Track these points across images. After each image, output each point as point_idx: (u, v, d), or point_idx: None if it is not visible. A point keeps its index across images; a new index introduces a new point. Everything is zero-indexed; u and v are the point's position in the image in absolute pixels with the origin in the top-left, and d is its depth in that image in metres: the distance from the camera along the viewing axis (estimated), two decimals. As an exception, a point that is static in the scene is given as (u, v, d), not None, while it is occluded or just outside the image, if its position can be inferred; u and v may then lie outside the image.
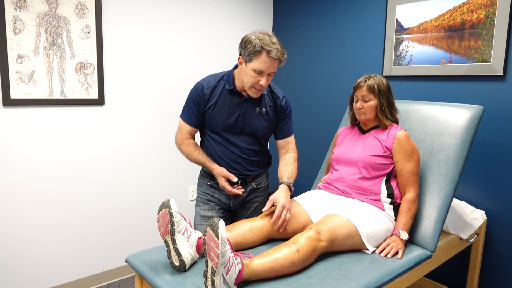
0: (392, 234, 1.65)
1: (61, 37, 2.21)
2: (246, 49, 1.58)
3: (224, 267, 1.21)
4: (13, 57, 2.06)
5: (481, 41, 2.10)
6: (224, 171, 1.72)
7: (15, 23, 2.05)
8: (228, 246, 1.24)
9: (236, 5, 3.02)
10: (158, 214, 1.41)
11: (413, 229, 1.73)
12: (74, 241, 2.41)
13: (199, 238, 1.45)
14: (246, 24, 3.09)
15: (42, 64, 2.16)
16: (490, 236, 2.16)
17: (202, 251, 1.45)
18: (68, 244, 2.38)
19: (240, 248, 1.53)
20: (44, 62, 2.17)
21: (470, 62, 2.15)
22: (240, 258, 1.29)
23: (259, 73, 1.58)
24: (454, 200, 2.13)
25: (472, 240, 2.01)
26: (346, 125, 2.01)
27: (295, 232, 1.59)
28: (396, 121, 1.82)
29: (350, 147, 1.84)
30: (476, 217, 2.05)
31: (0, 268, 2.15)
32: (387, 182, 1.73)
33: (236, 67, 1.73)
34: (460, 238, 1.98)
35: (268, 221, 1.60)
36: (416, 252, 1.63)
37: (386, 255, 1.56)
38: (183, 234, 1.40)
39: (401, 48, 2.43)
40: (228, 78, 1.72)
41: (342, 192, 1.78)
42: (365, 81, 1.77)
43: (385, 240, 1.63)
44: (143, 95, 2.60)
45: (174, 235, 1.38)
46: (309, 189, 2.09)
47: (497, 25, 2.03)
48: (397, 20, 2.44)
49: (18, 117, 2.14)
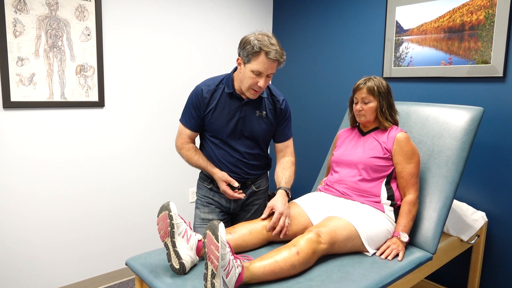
0: (392, 236, 1.65)
1: (61, 39, 2.21)
2: (244, 50, 1.57)
3: (224, 270, 1.21)
4: (13, 59, 2.07)
5: (481, 42, 2.10)
6: (225, 175, 1.71)
7: (15, 26, 2.05)
8: (228, 249, 1.24)
9: (236, 7, 3.02)
10: (158, 217, 1.41)
11: (413, 231, 1.73)
12: (74, 243, 2.41)
13: (199, 241, 1.44)
14: (246, 26, 3.09)
15: (42, 67, 2.16)
16: (491, 238, 2.16)
17: (202, 254, 1.44)
18: (68, 246, 2.39)
19: (240, 251, 1.53)
20: (44, 64, 2.17)
21: (470, 64, 2.15)
22: (240, 261, 1.29)
23: (258, 74, 1.57)
24: (455, 201, 2.12)
25: (472, 241, 2.01)
26: (346, 127, 2.01)
27: (295, 235, 1.59)
28: (396, 123, 1.82)
29: (350, 149, 1.84)
30: (476, 218, 2.05)
31: (0, 270, 2.16)
32: (387, 184, 1.73)
33: (235, 70, 1.71)
34: (461, 240, 1.97)
35: (269, 223, 1.59)
36: (416, 254, 1.63)
37: (386, 257, 1.56)
38: (183, 237, 1.40)
39: (401, 49, 2.43)
40: (227, 81, 1.71)
41: (342, 194, 1.78)
42: (365, 83, 1.77)
43: (385, 242, 1.63)
44: (143, 97, 2.61)
45: (174, 238, 1.37)
46: (309, 191, 2.09)
47: (496, 27, 2.03)
48: (397, 21, 2.44)
49: (18, 120, 2.14)
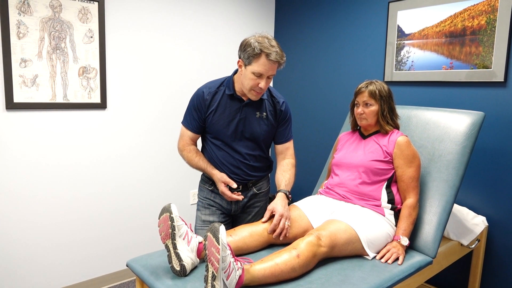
0: (392, 240, 1.65)
1: (64, 41, 2.23)
2: (245, 52, 1.58)
3: (225, 272, 1.21)
4: (16, 61, 2.08)
5: (482, 47, 2.10)
6: (224, 176, 1.72)
7: (19, 28, 2.07)
8: (229, 251, 1.24)
9: (239, 10, 3.03)
10: (159, 219, 1.42)
11: (413, 235, 1.73)
12: (75, 244, 2.41)
13: (200, 243, 1.45)
14: (249, 29, 3.10)
15: (45, 68, 2.18)
16: (491, 242, 2.16)
17: (202, 256, 1.45)
18: (69, 247, 2.39)
19: (240, 253, 1.53)
20: (47, 66, 2.18)
21: (471, 68, 2.15)
22: (241, 263, 1.29)
23: (259, 76, 1.59)
24: (455, 206, 2.12)
25: (473, 246, 2.01)
26: (347, 130, 2.02)
27: (295, 237, 1.59)
28: (397, 127, 1.82)
29: (350, 152, 1.85)
30: (477, 223, 2.05)
31: (1, 271, 2.16)
32: (388, 188, 1.73)
33: (236, 72, 1.73)
34: (461, 244, 1.97)
35: (269, 226, 1.60)
36: (416, 258, 1.63)
37: (386, 261, 1.56)
38: (184, 239, 1.40)
39: (402, 53, 2.44)
40: (228, 83, 1.73)
41: (343, 197, 1.78)
42: (367, 86, 1.78)
43: (385, 245, 1.63)
44: (145, 99, 2.62)
45: (175, 240, 1.38)
46: (310, 194, 2.09)
47: (498, 31, 2.03)
48: (398, 25, 2.44)
49: (21, 121, 2.15)
